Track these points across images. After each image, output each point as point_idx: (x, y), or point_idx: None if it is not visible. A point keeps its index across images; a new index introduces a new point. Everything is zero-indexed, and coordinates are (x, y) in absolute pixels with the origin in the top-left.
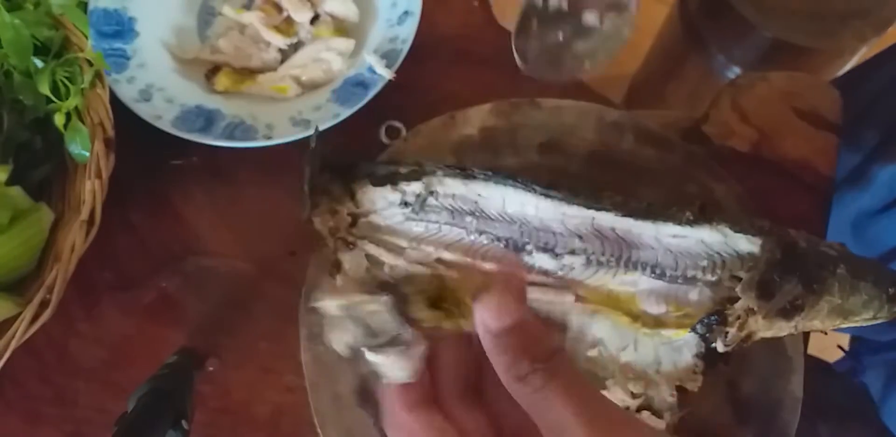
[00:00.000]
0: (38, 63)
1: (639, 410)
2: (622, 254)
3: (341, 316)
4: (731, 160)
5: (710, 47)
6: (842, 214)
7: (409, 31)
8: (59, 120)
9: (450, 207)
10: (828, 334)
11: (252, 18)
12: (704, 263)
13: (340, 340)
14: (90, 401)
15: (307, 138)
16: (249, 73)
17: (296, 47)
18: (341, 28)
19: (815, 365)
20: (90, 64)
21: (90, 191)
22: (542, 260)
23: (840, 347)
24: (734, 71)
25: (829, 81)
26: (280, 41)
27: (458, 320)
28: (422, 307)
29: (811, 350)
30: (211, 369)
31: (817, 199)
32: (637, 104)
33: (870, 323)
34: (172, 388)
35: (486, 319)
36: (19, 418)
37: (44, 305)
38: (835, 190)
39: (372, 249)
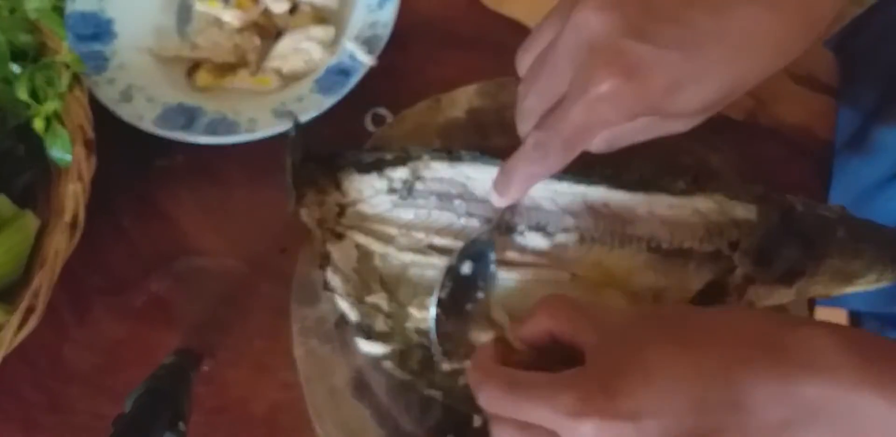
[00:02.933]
0: (16, 69)
1: None
2: (616, 229)
3: None
4: (728, 129)
5: None
6: (845, 183)
7: (389, 15)
8: (39, 125)
9: (438, 192)
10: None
11: (229, 16)
12: (700, 233)
13: None
14: (86, 407)
15: (290, 131)
16: (230, 67)
17: (276, 39)
18: (321, 17)
19: None
20: (67, 67)
21: (72, 194)
22: (534, 240)
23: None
24: None
25: (821, 42)
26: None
27: None
28: None
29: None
30: (206, 368)
31: (817, 164)
32: None
33: (875, 286)
34: (169, 389)
35: None
36: (16, 427)
37: (30, 311)
38: (835, 157)
39: (361, 238)
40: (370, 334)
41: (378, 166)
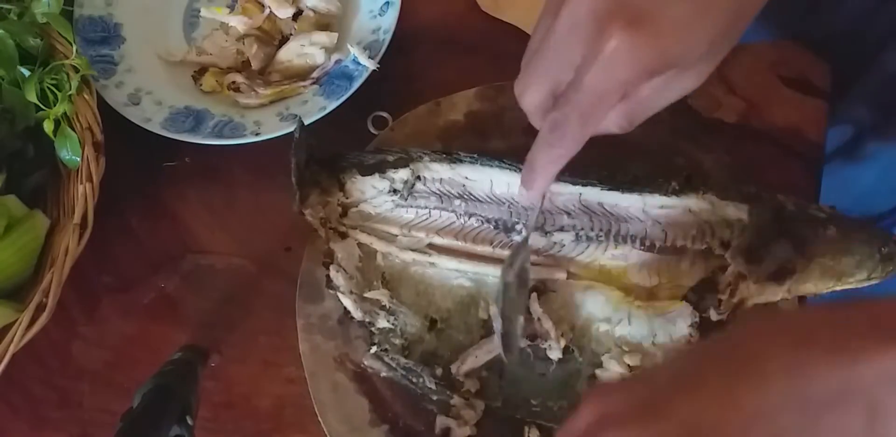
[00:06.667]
0: (25, 72)
1: None
2: (611, 228)
3: None
4: (720, 132)
5: None
6: (838, 188)
7: (390, 21)
8: (48, 127)
9: (438, 192)
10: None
11: (234, 21)
12: (693, 232)
13: None
14: (95, 403)
15: (294, 133)
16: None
17: (280, 43)
18: (324, 22)
19: None
20: (76, 70)
21: (82, 194)
22: (532, 239)
23: None
24: None
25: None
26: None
27: None
28: None
29: None
30: (213, 364)
31: (808, 166)
32: None
33: (865, 284)
34: (177, 384)
35: None
36: (25, 423)
37: (40, 308)
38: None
39: (364, 237)
40: (372, 331)
41: (380, 168)
